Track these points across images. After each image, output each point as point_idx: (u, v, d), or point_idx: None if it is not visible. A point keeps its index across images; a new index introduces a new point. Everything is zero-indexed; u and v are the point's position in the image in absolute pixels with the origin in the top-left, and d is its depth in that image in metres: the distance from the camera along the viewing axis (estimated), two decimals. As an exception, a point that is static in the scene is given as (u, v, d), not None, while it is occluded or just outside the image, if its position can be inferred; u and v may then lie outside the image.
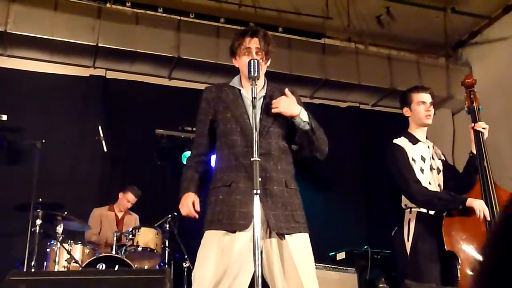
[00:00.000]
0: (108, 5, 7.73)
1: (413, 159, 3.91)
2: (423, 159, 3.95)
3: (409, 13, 8.16)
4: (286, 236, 2.97)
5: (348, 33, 8.67)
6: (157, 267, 6.20)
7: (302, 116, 3.08)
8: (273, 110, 3.08)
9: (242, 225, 2.92)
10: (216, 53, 7.86)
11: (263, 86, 3.21)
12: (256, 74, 2.99)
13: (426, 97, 4.05)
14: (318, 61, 8.53)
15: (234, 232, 2.93)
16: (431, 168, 3.95)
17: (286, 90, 3.15)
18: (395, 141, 4.03)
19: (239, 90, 3.21)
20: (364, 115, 9.12)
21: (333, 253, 6.83)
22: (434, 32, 8.56)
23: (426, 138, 4.12)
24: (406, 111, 4.11)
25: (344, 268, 6.06)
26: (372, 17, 8.39)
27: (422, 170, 3.90)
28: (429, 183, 3.87)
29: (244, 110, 3.12)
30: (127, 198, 6.77)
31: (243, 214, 2.91)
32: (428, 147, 4.05)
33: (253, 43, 3.17)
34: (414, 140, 4.01)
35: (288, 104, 3.08)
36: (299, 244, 3.01)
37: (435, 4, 8.04)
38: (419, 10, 8.03)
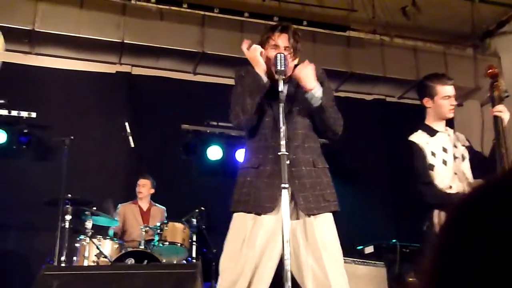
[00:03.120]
0: (132, 1, 7.77)
1: (432, 153, 3.79)
2: (444, 150, 3.82)
3: (435, 4, 8.05)
4: (312, 217, 2.97)
5: (373, 25, 8.57)
6: (184, 261, 6.23)
7: (315, 92, 3.04)
8: (293, 74, 3.06)
9: (268, 208, 2.94)
10: (240, 47, 7.83)
11: (287, 80, 3.16)
12: (283, 68, 2.97)
13: (451, 90, 3.90)
14: (343, 54, 8.48)
15: (259, 214, 2.95)
16: (455, 157, 3.82)
17: (307, 62, 3.11)
18: (411, 138, 3.92)
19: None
20: (390, 107, 9.04)
21: (361, 246, 6.78)
22: (461, 23, 8.42)
23: (446, 126, 3.99)
24: (427, 102, 3.95)
25: (373, 262, 6.02)
26: (397, 8, 8.28)
27: (444, 162, 3.77)
28: (455, 173, 3.76)
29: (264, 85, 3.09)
30: (138, 184, 6.82)
31: (269, 197, 2.93)
32: (449, 135, 3.92)
33: (282, 39, 3.15)
34: (432, 132, 3.89)
35: (307, 74, 3.05)
36: (325, 225, 3.02)
37: (462, -6, 7.93)
38: (445, 0, 7.92)
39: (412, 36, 8.79)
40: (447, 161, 3.80)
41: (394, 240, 6.55)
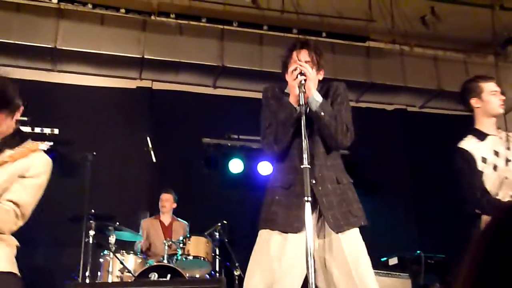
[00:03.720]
0: (152, 17, 7.85)
1: (483, 159, 3.69)
2: (496, 153, 3.71)
3: (455, 12, 7.99)
4: (340, 234, 2.96)
5: (393, 35, 8.54)
6: (207, 276, 6.21)
7: (316, 96, 3.04)
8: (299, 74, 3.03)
9: (296, 228, 2.93)
10: (260, 60, 7.89)
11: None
12: (302, 78, 2.98)
13: (495, 86, 3.86)
14: (363, 65, 8.46)
15: (287, 233, 2.95)
16: (507, 160, 3.70)
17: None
18: (460, 145, 3.81)
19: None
20: (411, 117, 8.98)
21: (385, 258, 6.71)
22: (482, 30, 8.34)
23: (498, 128, 3.88)
24: (475, 102, 3.85)
25: (397, 273, 5.95)
26: (417, 17, 8.24)
27: (495, 167, 3.67)
28: (506, 178, 3.65)
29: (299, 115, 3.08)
30: (161, 199, 6.84)
31: (298, 217, 2.90)
32: (501, 138, 3.80)
33: (303, 55, 3.15)
34: (482, 137, 3.79)
35: (314, 79, 3.06)
36: (353, 240, 3.01)
37: (482, 2, 7.86)
38: (465, 8, 7.86)
39: (432, 45, 8.74)
40: (498, 166, 3.69)
41: (418, 251, 6.47)
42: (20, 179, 2.73)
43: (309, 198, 2.72)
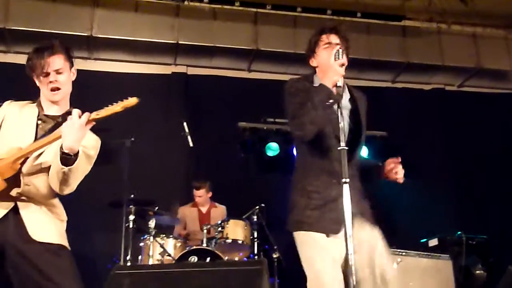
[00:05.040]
0: (186, 2, 7.86)
1: None
2: None
3: (494, -13, 7.80)
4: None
5: (429, 13, 8.38)
6: (245, 259, 6.25)
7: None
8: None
9: (335, 229, 2.95)
10: (294, 43, 7.84)
11: (342, 85, 3.04)
12: (343, 60, 2.94)
13: None
14: (399, 44, 8.34)
15: (327, 235, 2.96)
16: None
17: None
18: None
19: None
20: (450, 96, 8.81)
21: (424, 239, 6.65)
22: (523, 5, 8.13)
23: None
24: None
25: (438, 255, 5.88)
26: (454, -6, 8.07)
27: None
28: None
29: (332, 116, 3.03)
30: (195, 195, 6.87)
31: (335, 220, 2.93)
32: None
33: (333, 38, 3.12)
34: None
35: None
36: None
37: (522, -26, 7.65)
38: (505, -18, 7.67)
39: (471, 22, 8.53)
40: None
41: (459, 232, 6.39)
42: None
43: (347, 180, 2.73)
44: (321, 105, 2.92)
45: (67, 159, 2.65)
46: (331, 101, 2.92)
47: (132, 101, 2.72)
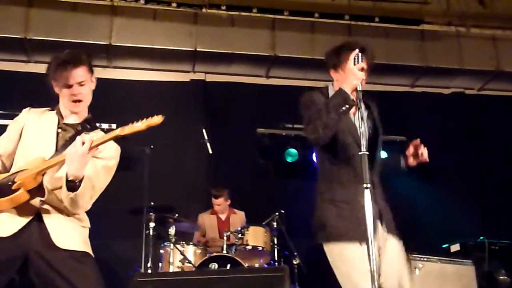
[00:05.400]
0: (203, 10, 7.90)
1: None
2: None
3: (514, -11, 7.73)
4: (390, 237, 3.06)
5: (448, 17, 8.33)
6: (265, 266, 6.23)
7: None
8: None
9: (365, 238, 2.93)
10: (311, 48, 7.83)
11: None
12: (362, 63, 2.94)
13: None
14: (418, 48, 8.29)
15: (361, 244, 2.94)
16: None
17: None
18: None
19: None
20: (470, 100, 8.73)
21: (446, 245, 6.58)
22: (543, 6, 8.04)
23: None
24: None
25: (460, 260, 5.82)
26: (473, -3, 8.02)
27: None
28: None
29: (351, 123, 3.09)
30: (213, 203, 6.86)
31: (365, 231, 2.90)
32: None
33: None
34: None
35: None
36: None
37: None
38: (525, -16, 7.59)
39: (490, 24, 8.45)
40: None
41: (481, 237, 6.31)
42: (92, 159, 2.79)
43: (369, 185, 2.73)
44: (335, 108, 2.92)
45: (73, 185, 2.68)
46: (346, 106, 2.91)
47: (156, 120, 2.73)
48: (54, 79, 2.90)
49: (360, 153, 2.80)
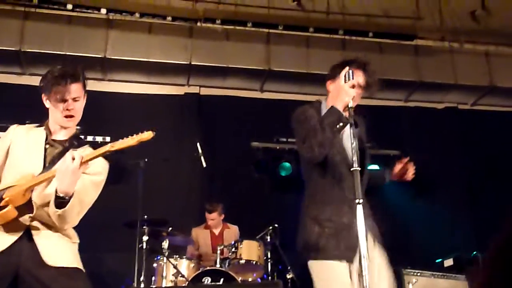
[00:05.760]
0: (199, 24, 7.93)
1: None
2: None
3: (507, 5, 7.79)
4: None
5: (441, 32, 8.40)
6: (259, 280, 6.21)
7: None
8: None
9: (350, 257, 2.98)
10: (306, 63, 7.87)
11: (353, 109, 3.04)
12: (353, 81, 2.95)
13: None
14: (411, 63, 8.34)
15: (342, 262, 2.98)
16: None
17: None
18: None
19: None
20: (463, 115, 8.78)
21: (440, 259, 6.58)
22: (536, 23, 8.12)
23: None
24: None
25: (453, 275, 5.82)
26: (466, 13, 8.10)
27: None
28: None
29: (339, 141, 3.10)
30: (207, 218, 6.83)
31: (349, 247, 2.96)
32: None
33: (358, 75, 3.10)
34: None
35: None
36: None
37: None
38: (517, 1, 7.66)
39: (483, 40, 8.52)
40: None
41: (475, 252, 6.31)
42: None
43: (361, 200, 2.74)
44: (330, 127, 2.93)
45: (62, 202, 2.67)
46: (341, 124, 2.93)
47: (147, 135, 2.72)
48: (48, 92, 2.89)
49: (352, 169, 2.80)
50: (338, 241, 2.96)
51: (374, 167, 7.31)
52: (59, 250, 2.80)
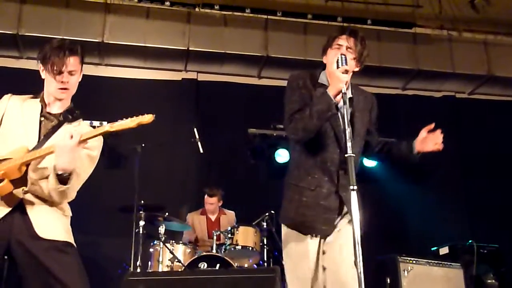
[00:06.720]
0: (197, 9, 7.90)
1: None
2: None
3: (506, -6, 7.78)
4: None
5: (440, 20, 8.38)
6: (255, 265, 6.24)
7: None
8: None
9: (325, 231, 2.99)
10: (304, 49, 7.85)
11: (347, 87, 2.97)
12: (346, 66, 2.91)
13: None
14: (409, 51, 8.32)
15: (316, 237, 2.99)
16: None
17: None
18: None
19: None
20: (460, 104, 8.78)
21: (435, 248, 6.61)
22: (535, 12, 8.10)
23: None
24: None
25: (449, 263, 5.86)
26: (465, 1, 8.07)
27: None
28: None
29: (333, 124, 3.05)
30: (206, 202, 6.86)
31: (327, 220, 2.98)
32: None
33: (347, 41, 3.08)
34: None
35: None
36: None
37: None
38: (517, -11, 7.65)
39: (482, 29, 8.51)
40: None
41: (470, 241, 6.35)
42: None
43: (355, 187, 2.69)
44: (319, 115, 2.90)
45: (63, 178, 2.68)
46: (329, 113, 2.91)
47: (148, 118, 2.73)
48: (45, 63, 2.89)
49: (346, 155, 2.75)
50: (317, 214, 2.98)
51: (372, 163, 7.36)
52: (52, 223, 2.80)
